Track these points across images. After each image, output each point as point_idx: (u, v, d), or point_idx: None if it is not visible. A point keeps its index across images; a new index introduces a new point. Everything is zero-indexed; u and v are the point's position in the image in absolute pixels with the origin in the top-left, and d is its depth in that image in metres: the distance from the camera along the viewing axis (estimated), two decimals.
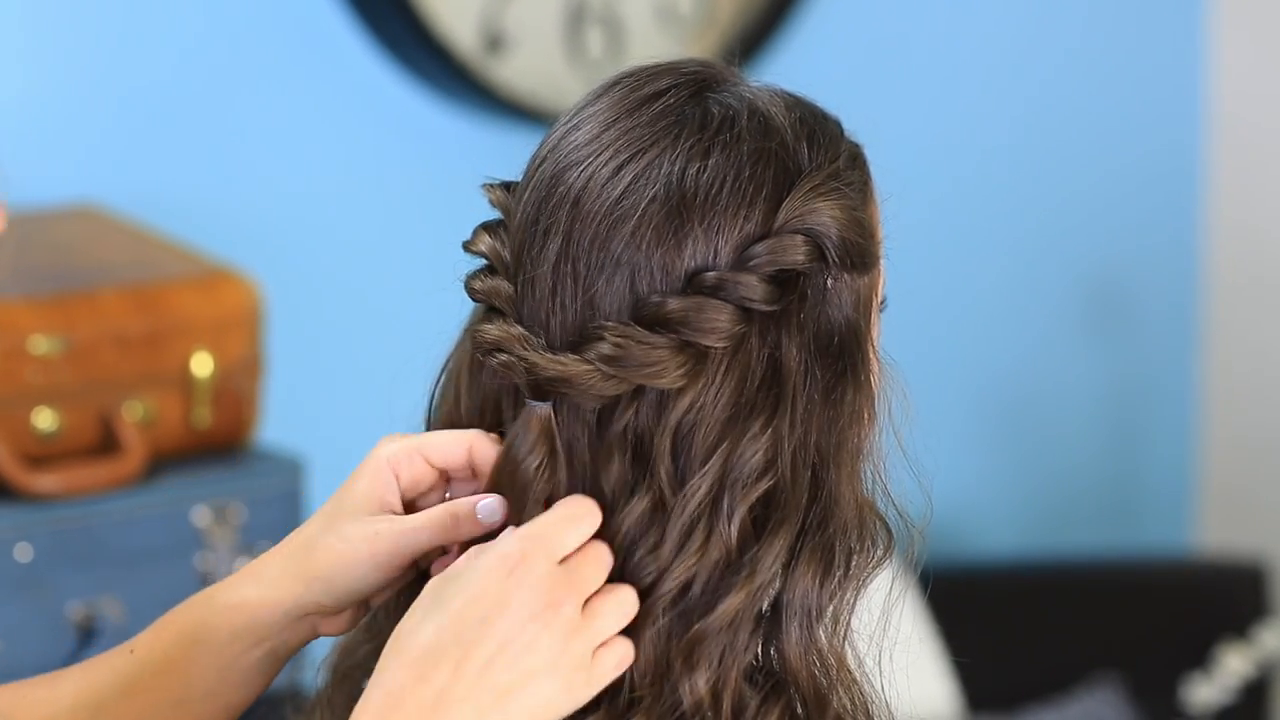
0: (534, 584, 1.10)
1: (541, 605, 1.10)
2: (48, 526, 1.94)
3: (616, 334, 1.13)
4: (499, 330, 1.16)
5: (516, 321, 1.17)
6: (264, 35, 2.48)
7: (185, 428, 2.04)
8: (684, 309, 1.13)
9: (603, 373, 1.13)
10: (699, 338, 1.13)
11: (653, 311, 1.13)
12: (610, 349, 1.13)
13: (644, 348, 1.13)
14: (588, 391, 1.14)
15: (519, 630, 1.09)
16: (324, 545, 1.19)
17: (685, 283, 1.14)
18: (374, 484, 1.19)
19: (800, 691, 1.16)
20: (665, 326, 1.13)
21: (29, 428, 1.96)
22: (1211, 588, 3.17)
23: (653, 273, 1.14)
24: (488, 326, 1.17)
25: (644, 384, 1.13)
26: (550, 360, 1.14)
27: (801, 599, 1.15)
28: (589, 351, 1.14)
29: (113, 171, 2.38)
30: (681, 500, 1.13)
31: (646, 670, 1.14)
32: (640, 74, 1.20)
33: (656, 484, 1.14)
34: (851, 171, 1.19)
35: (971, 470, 3.23)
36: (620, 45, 2.74)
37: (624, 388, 1.14)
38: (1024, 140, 3.19)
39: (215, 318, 2.05)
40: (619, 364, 1.13)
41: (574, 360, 1.14)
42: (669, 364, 1.13)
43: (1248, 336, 3.39)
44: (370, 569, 1.18)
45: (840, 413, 1.16)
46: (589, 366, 1.13)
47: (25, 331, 1.96)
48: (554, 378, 1.14)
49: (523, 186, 1.20)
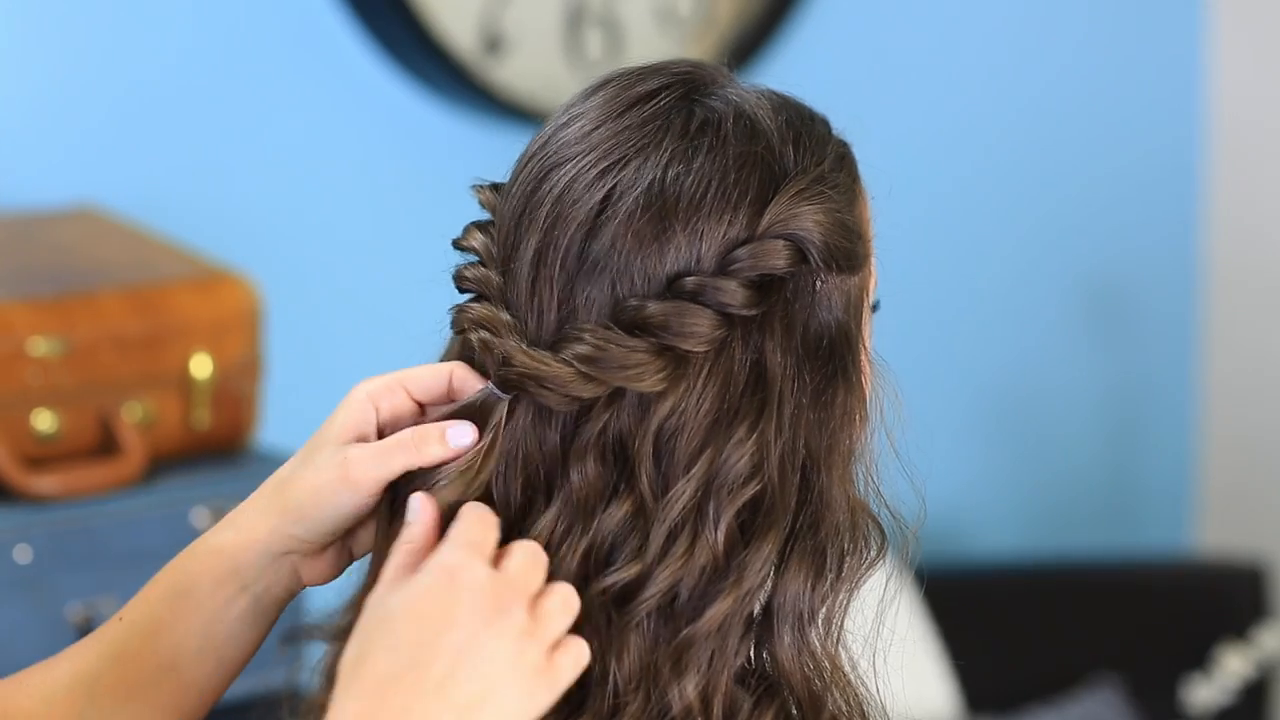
0: (478, 592, 1.08)
1: (491, 612, 1.07)
2: (47, 528, 1.94)
3: (595, 336, 1.13)
4: (486, 310, 1.16)
5: (504, 310, 1.16)
6: (263, 37, 2.48)
7: (184, 429, 2.05)
8: (664, 313, 1.13)
9: (580, 374, 1.12)
10: (678, 342, 1.13)
11: (632, 315, 1.13)
12: (588, 350, 1.12)
13: (623, 350, 1.12)
14: (562, 391, 1.13)
15: (471, 641, 1.07)
16: (297, 477, 1.18)
17: (666, 287, 1.14)
18: (351, 416, 1.18)
19: (794, 694, 1.16)
20: (644, 330, 1.13)
21: (28, 429, 1.97)
22: (1211, 588, 3.17)
23: (633, 276, 1.14)
24: (475, 305, 1.17)
25: (622, 386, 1.13)
26: (526, 355, 1.13)
27: (793, 602, 1.15)
28: (566, 351, 1.13)
29: (112, 173, 2.38)
30: (665, 505, 1.13)
31: (631, 675, 1.13)
32: (630, 75, 1.20)
33: (638, 489, 1.13)
34: (838, 173, 1.19)
35: (971, 471, 3.24)
36: (619, 47, 2.74)
37: (601, 390, 1.13)
38: (1023, 141, 3.19)
39: (214, 319, 2.05)
40: (597, 365, 1.12)
41: (551, 359, 1.13)
42: (648, 367, 1.12)
43: (1247, 337, 3.39)
44: (342, 493, 1.17)
45: (831, 414, 1.16)
46: (567, 367, 1.13)
47: (24, 333, 1.96)
48: (524, 373, 1.13)
49: (510, 185, 1.20)
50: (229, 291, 2.07)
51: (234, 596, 1.20)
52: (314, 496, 1.17)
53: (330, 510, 1.17)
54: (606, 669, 1.13)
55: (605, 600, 1.13)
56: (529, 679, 1.08)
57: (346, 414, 1.19)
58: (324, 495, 1.17)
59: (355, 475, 1.16)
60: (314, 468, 1.18)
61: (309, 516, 1.18)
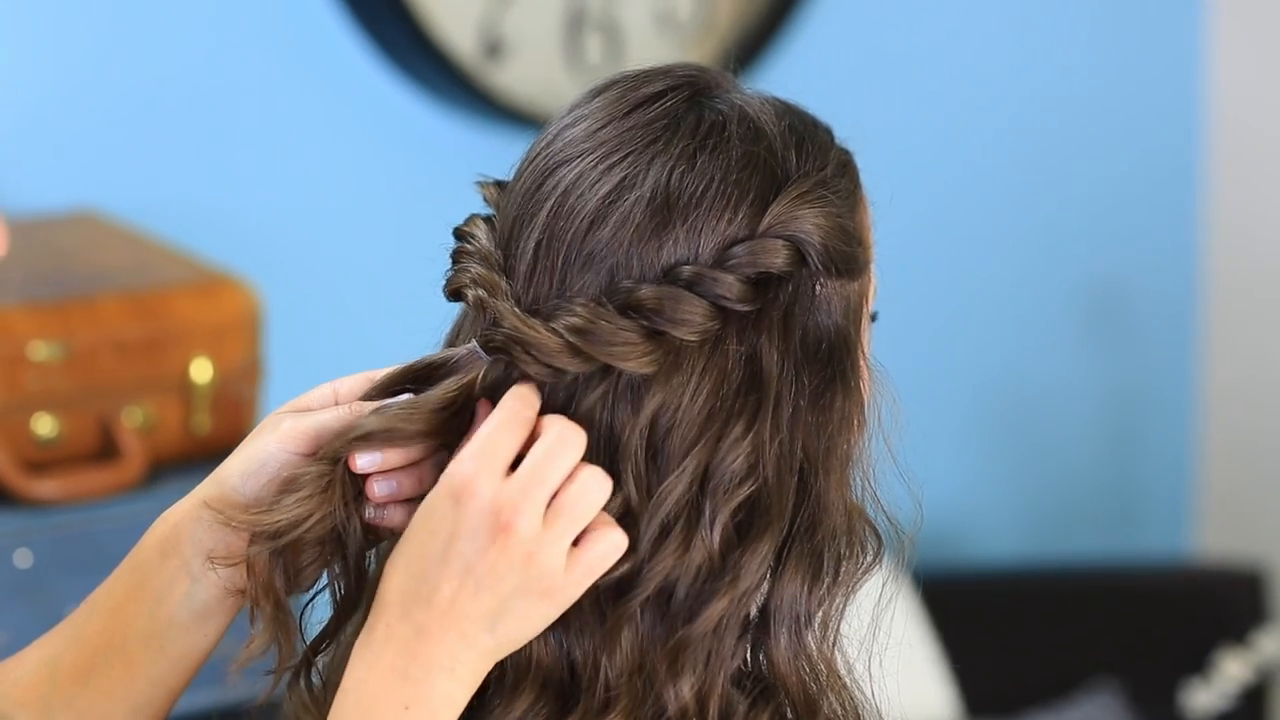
0: (480, 510, 1.09)
1: (493, 530, 1.09)
2: (48, 532, 1.94)
3: (587, 310, 1.13)
4: (484, 269, 1.17)
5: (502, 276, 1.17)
6: (264, 41, 2.48)
7: (185, 433, 2.05)
8: (657, 296, 1.13)
9: (567, 344, 1.13)
10: (670, 328, 1.13)
11: (625, 296, 1.14)
12: (579, 321, 1.13)
13: (612, 328, 1.13)
14: (545, 360, 1.13)
15: (477, 560, 1.09)
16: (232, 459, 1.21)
17: (662, 275, 1.14)
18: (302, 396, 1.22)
19: (790, 697, 1.16)
20: (637, 312, 1.13)
21: (29, 434, 1.97)
22: (1210, 593, 3.18)
23: (630, 267, 1.15)
24: (474, 265, 1.18)
25: (608, 363, 1.13)
26: (517, 318, 1.14)
27: (790, 605, 1.15)
28: (557, 322, 1.14)
29: (112, 177, 2.38)
30: (657, 499, 1.13)
31: (623, 669, 1.13)
32: (636, 76, 1.21)
33: (629, 480, 1.13)
34: (840, 179, 1.19)
35: (971, 475, 3.24)
36: (619, 51, 2.75)
37: (584, 366, 1.13)
38: (1023, 145, 3.19)
39: (214, 323, 2.05)
40: (584, 338, 1.13)
41: (541, 326, 1.13)
42: (635, 348, 1.13)
43: (1246, 342, 3.40)
44: (270, 442, 1.19)
45: (829, 418, 1.16)
46: (555, 337, 1.13)
47: (25, 338, 1.96)
48: (510, 335, 1.14)
49: (514, 182, 1.20)
50: (229, 296, 2.07)
51: (177, 573, 1.20)
52: (243, 450, 1.20)
53: (266, 461, 1.19)
54: (598, 664, 1.14)
55: (597, 595, 1.14)
56: (546, 586, 1.10)
57: (302, 396, 1.22)
58: (252, 447, 1.19)
59: (285, 426, 1.19)
60: (247, 449, 1.20)
61: (249, 473, 1.19)
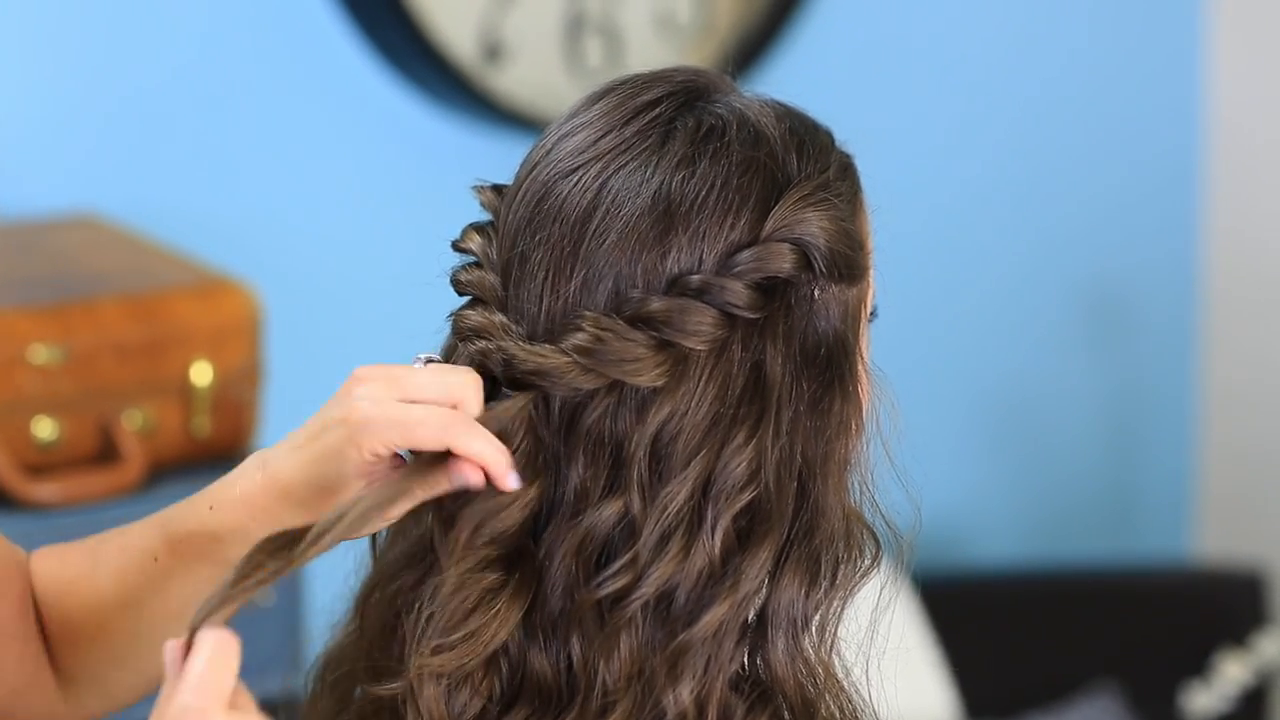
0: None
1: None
2: (47, 536, 1.93)
3: (595, 325, 1.13)
4: (481, 316, 1.16)
5: (500, 312, 1.17)
6: (263, 44, 2.48)
7: (185, 436, 2.05)
8: (667, 309, 1.13)
9: (579, 364, 1.13)
10: (681, 339, 1.13)
11: (635, 309, 1.14)
12: (587, 340, 1.13)
13: (623, 343, 1.13)
14: (564, 383, 1.13)
15: None
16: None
17: (668, 286, 1.14)
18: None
19: (788, 700, 1.16)
20: (647, 325, 1.13)
21: (28, 437, 1.97)
22: (1210, 596, 3.18)
23: (635, 278, 1.14)
24: (469, 312, 1.18)
25: (620, 379, 1.13)
26: (528, 351, 1.14)
27: (787, 609, 1.15)
28: (565, 342, 1.13)
29: (111, 180, 2.39)
30: (659, 504, 1.13)
31: (622, 674, 1.13)
32: (634, 83, 1.21)
33: (632, 487, 1.13)
34: (841, 183, 1.19)
35: (970, 478, 3.24)
36: (619, 54, 2.75)
37: (599, 382, 1.13)
38: (1022, 149, 3.19)
39: (214, 326, 2.05)
40: (595, 356, 1.13)
41: (551, 351, 1.13)
42: (647, 361, 1.13)
43: (1246, 345, 3.40)
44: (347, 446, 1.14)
45: (828, 423, 1.16)
46: (565, 358, 1.13)
47: (24, 341, 1.96)
48: (531, 370, 1.13)
49: (513, 191, 1.20)
50: (229, 299, 2.07)
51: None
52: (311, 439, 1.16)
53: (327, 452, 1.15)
54: (595, 668, 1.14)
55: (597, 601, 1.14)
56: None
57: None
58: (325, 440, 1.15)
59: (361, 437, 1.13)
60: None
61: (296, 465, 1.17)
